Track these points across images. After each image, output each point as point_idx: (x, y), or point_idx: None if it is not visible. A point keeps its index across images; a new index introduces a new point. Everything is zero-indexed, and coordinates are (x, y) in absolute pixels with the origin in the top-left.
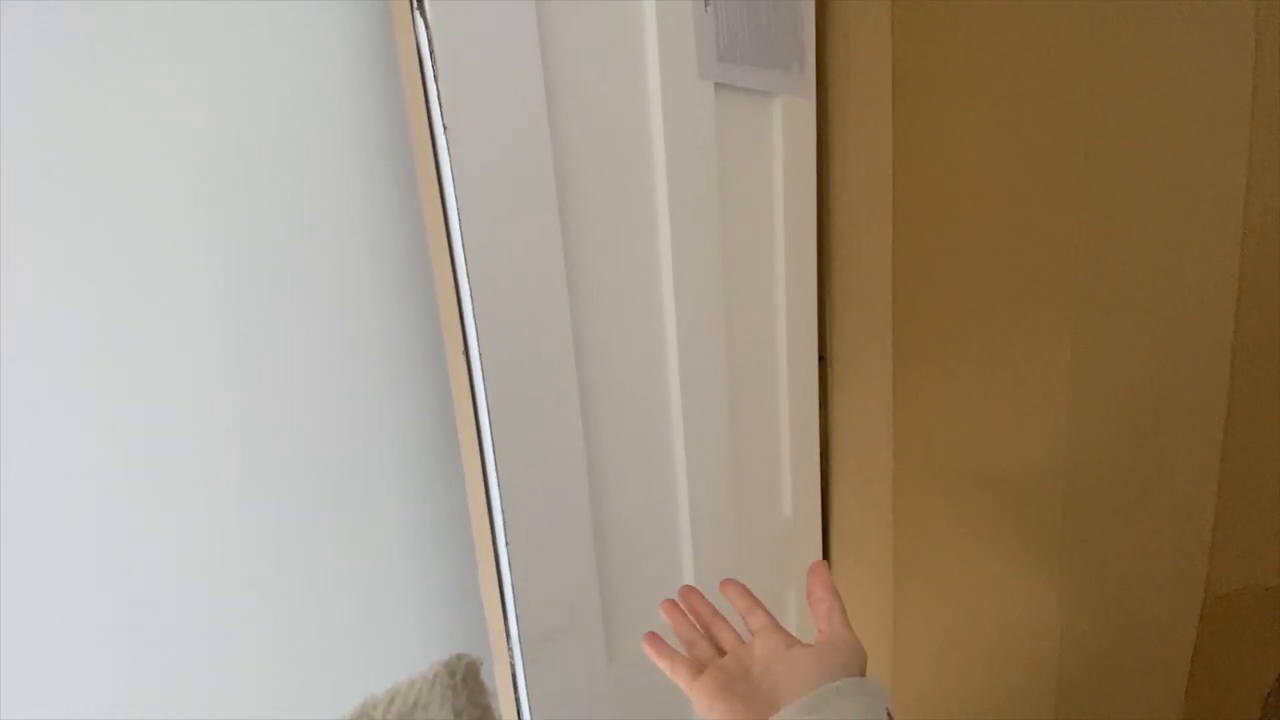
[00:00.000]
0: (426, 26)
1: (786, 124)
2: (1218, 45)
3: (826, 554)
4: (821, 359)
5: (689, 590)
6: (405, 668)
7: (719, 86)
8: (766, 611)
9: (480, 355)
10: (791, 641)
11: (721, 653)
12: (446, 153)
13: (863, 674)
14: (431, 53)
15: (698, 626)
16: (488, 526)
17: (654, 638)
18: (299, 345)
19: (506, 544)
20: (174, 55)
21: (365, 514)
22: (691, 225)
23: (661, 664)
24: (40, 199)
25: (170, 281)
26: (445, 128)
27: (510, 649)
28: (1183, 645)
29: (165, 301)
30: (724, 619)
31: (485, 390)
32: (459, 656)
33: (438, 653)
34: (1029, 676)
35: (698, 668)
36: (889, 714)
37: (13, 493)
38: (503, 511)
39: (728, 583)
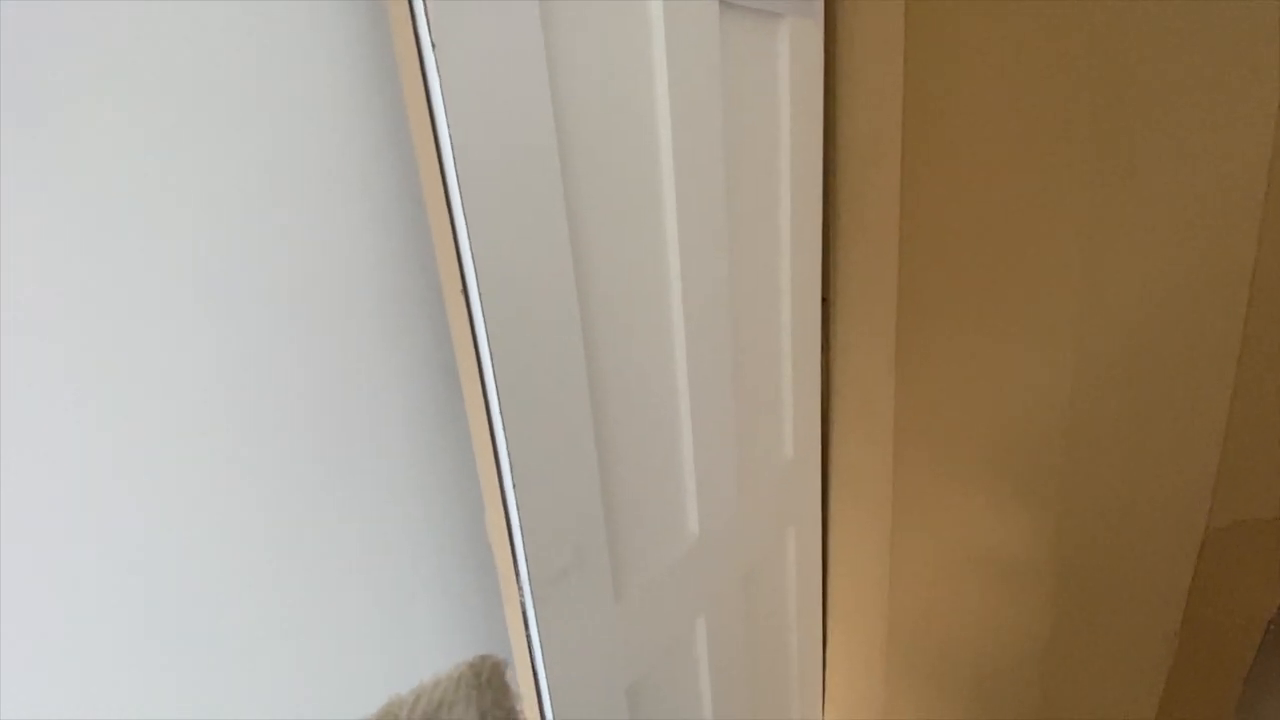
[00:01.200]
0: None
1: (794, 47)
2: None
3: (825, 494)
4: (825, 300)
5: None
6: (425, 661)
7: (724, 4)
8: None
9: (480, 294)
10: None
11: None
12: (436, 73)
13: None
14: None
15: None
16: (493, 469)
17: None
18: (296, 326)
19: (513, 486)
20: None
21: (376, 502)
22: (695, 153)
23: None
24: (43, 198)
25: (172, 282)
26: (434, 44)
27: (520, 589)
28: (1180, 577)
29: (167, 301)
30: None
31: (486, 330)
32: (483, 657)
33: (458, 646)
34: (1024, 612)
35: None
36: None
37: (37, 494)
38: (509, 453)
39: None
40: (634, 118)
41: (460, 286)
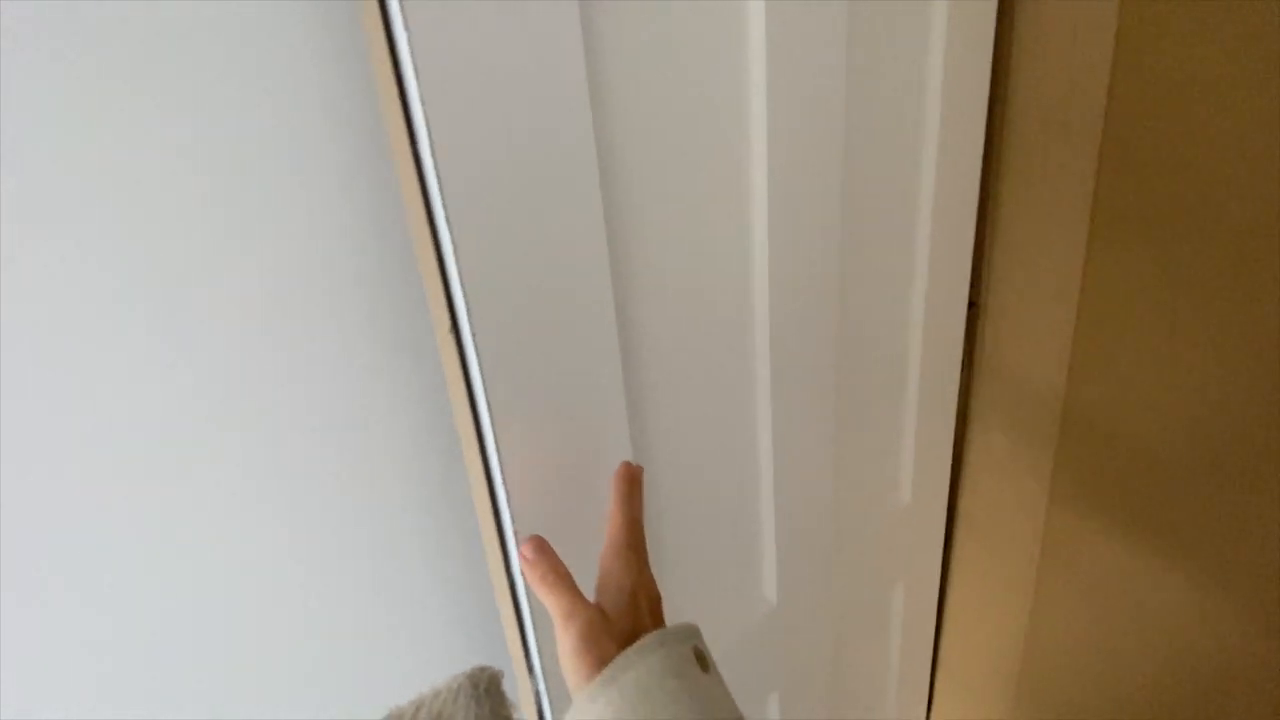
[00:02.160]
0: None
1: None
2: None
3: (948, 544)
4: (972, 304)
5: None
6: (430, 673)
7: None
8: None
9: (463, 283)
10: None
11: None
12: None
13: (639, 617)
14: None
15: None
16: (499, 547)
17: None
18: (279, 336)
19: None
20: None
21: (378, 507)
22: (798, 114)
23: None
24: (34, 202)
25: (177, 289)
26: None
27: (533, 676)
28: None
29: (168, 304)
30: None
31: (479, 361)
32: (482, 668)
33: (460, 657)
34: (1198, 712)
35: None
36: (699, 654)
37: (27, 496)
38: (511, 517)
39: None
40: (712, 57)
41: (447, 310)
